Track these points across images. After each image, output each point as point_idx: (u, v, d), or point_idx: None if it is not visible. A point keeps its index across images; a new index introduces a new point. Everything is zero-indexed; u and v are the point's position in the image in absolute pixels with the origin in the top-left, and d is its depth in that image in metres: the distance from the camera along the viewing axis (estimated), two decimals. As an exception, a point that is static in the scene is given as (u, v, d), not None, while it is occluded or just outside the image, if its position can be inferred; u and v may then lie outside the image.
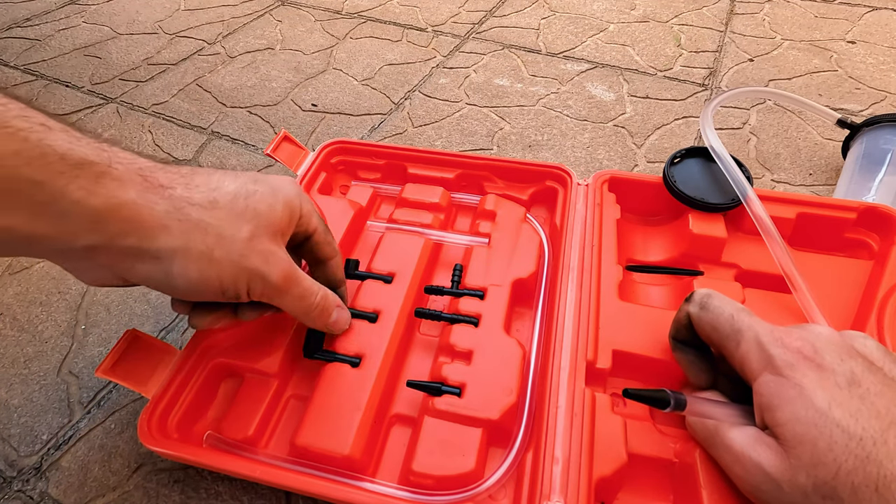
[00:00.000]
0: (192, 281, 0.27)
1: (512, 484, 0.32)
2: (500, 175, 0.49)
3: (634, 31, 0.83)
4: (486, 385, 0.35)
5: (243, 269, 0.28)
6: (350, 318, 0.37)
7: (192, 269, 0.27)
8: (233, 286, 0.28)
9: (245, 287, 0.29)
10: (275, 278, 0.29)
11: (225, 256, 0.27)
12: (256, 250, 0.29)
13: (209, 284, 0.28)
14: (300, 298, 0.32)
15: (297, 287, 0.31)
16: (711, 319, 0.30)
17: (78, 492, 0.36)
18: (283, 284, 0.30)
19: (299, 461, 0.34)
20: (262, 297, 0.30)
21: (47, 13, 0.93)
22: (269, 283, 0.29)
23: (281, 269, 0.30)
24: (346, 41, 0.84)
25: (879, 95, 0.67)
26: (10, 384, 0.42)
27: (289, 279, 0.30)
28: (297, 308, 0.32)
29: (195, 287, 0.27)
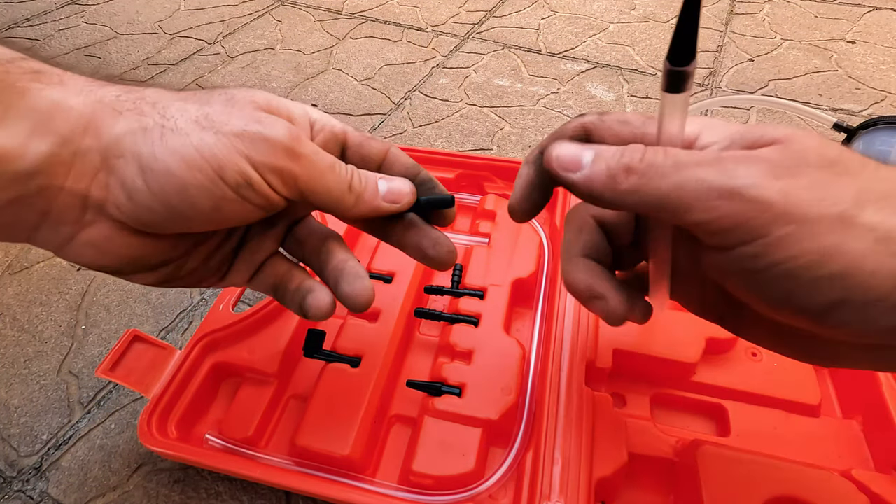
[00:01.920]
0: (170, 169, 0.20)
1: (512, 484, 0.32)
2: (500, 175, 0.49)
3: (634, 31, 0.83)
4: (485, 385, 0.35)
5: (229, 135, 0.21)
6: (413, 190, 0.26)
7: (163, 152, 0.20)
8: (229, 162, 0.21)
9: (244, 159, 0.21)
10: (278, 134, 0.22)
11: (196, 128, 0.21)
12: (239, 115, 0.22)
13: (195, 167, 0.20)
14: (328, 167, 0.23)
15: (311, 148, 0.23)
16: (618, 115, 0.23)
17: (78, 492, 0.36)
18: (294, 142, 0.22)
19: (299, 461, 0.34)
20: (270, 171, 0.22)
21: (47, 13, 0.93)
22: (273, 143, 0.21)
23: (283, 125, 0.22)
24: (346, 41, 0.84)
25: (879, 95, 0.67)
26: (10, 384, 0.42)
27: (296, 136, 0.22)
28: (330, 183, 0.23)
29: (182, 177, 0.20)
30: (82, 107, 0.20)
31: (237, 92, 0.23)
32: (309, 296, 0.26)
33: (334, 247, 0.27)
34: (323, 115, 0.26)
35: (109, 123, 0.20)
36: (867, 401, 0.34)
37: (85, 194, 0.20)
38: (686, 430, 0.35)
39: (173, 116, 0.21)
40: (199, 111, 0.21)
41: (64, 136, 0.19)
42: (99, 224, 0.21)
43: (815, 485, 0.30)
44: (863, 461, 0.33)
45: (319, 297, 0.26)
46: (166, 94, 0.22)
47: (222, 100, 0.22)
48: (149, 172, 0.20)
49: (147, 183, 0.20)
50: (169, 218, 0.21)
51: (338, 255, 0.27)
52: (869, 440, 0.34)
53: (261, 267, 0.28)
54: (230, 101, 0.22)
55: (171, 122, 0.20)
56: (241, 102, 0.22)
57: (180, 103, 0.21)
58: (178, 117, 0.21)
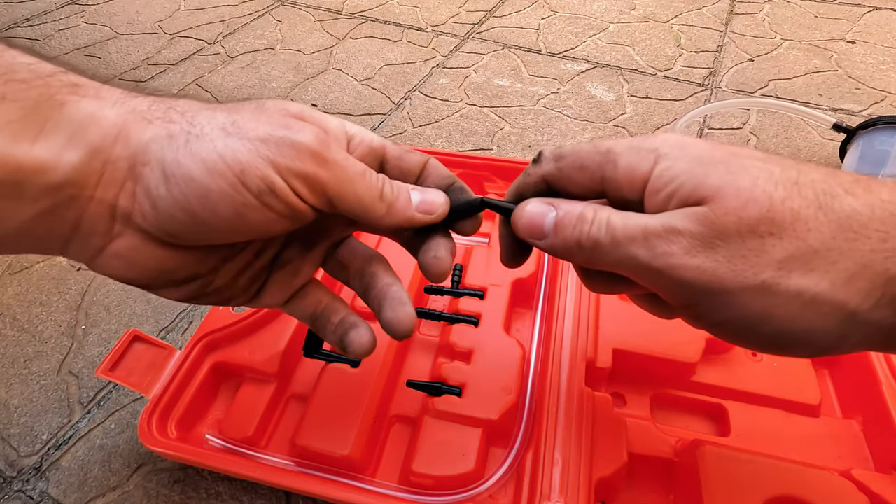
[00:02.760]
0: (193, 176, 0.19)
1: (512, 484, 0.32)
2: (500, 175, 0.49)
3: (634, 31, 0.83)
4: (485, 385, 0.35)
5: (255, 140, 0.20)
6: (447, 200, 0.25)
7: (187, 158, 0.20)
8: (251, 166, 0.20)
9: (268, 164, 0.20)
10: (306, 139, 0.21)
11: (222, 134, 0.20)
12: (267, 120, 0.21)
13: (218, 174, 0.20)
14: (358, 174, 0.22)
15: (340, 154, 0.22)
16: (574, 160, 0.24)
17: (78, 492, 0.36)
18: (321, 147, 0.21)
19: (299, 461, 0.34)
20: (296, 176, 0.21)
21: (47, 13, 0.93)
22: (300, 149, 0.20)
23: (311, 130, 0.21)
24: (346, 41, 0.84)
25: (879, 95, 0.67)
26: (10, 384, 0.42)
27: (324, 141, 0.21)
28: (360, 190, 0.22)
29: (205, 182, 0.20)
30: (115, 117, 0.20)
31: (269, 101, 0.23)
32: (352, 331, 0.25)
33: (378, 269, 0.26)
34: (361, 130, 0.25)
35: (139, 131, 0.20)
36: (867, 401, 0.34)
37: (113, 204, 0.20)
38: (686, 430, 0.35)
39: (200, 123, 0.20)
40: (227, 118, 0.21)
41: (95, 146, 0.19)
42: (127, 235, 0.21)
43: (815, 485, 0.30)
44: (863, 461, 0.33)
45: (362, 333, 0.25)
46: (197, 104, 0.22)
47: (252, 108, 0.22)
48: (171, 179, 0.20)
49: (169, 189, 0.20)
50: (191, 226, 0.21)
51: (382, 279, 0.26)
52: (869, 440, 0.34)
53: (299, 292, 0.27)
54: (259, 109, 0.22)
55: (197, 129, 0.20)
56: (270, 110, 0.22)
57: (209, 112, 0.21)
58: (204, 124, 0.20)
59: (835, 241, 0.19)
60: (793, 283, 0.19)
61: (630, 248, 0.21)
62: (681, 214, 0.20)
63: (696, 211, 0.20)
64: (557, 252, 0.23)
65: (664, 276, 0.20)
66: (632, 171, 0.22)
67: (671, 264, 0.20)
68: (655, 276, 0.20)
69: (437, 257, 0.25)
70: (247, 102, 0.23)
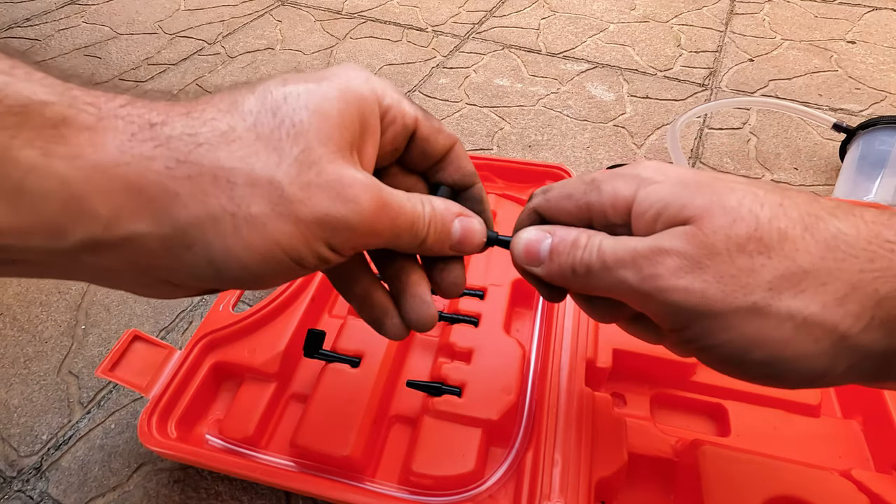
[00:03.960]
0: (246, 264, 0.18)
1: (512, 484, 0.32)
2: (500, 175, 0.49)
3: (634, 31, 0.83)
4: (485, 385, 0.35)
5: (310, 223, 0.18)
6: (484, 228, 0.24)
7: (237, 247, 0.18)
8: (307, 250, 0.19)
9: (324, 245, 0.19)
10: (362, 215, 0.19)
11: (271, 213, 0.18)
12: (317, 185, 0.18)
13: (273, 258, 0.18)
14: (408, 227, 0.21)
15: (394, 212, 0.20)
16: (560, 190, 0.24)
17: (78, 492, 0.36)
18: (377, 218, 0.19)
19: (299, 461, 0.34)
20: (356, 247, 0.20)
21: (47, 13, 0.93)
22: (356, 227, 0.19)
23: (368, 199, 0.19)
24: (346, 41, 0.84)
25: (879, 95, 0.67)
26: (10, 384, 0.42)
27: (381, 206, 0.20)
28: (406, 242, 0.22)
29: (257, 268, 0.18)
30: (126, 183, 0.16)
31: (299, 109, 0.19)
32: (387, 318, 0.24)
33: (408, 265, 0.25)
34: (397, 101, 0.22)
35: (167, 209, 0.17)
36: (867, 401, 0.34)
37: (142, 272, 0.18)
38: (686, 430, 0.35)
39: (244, 201, 0.18)
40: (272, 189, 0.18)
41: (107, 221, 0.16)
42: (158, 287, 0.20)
43: (815, 485, 0.30)
44: (863, 461, 0.33)
45: (398, 324, 0.24)
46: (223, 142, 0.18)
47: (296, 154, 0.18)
48: (222, 266, 0.18)
49: (218, 272, 0.18)
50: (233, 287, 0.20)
51: (411, 276, 0.25)
52: (869, 440, 0.34)
53: None
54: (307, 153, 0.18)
55: (243, 210, 0.18)
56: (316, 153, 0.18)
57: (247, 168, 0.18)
58: (250, 202, 0.18)
59: (823, 262, 0.18)
60: (783, 305, 0.18)
61: (620, 272, 0.20)
62: (668, 234, 0.20)
63: (684, 230, 0.20)
64: (554, 278, 0.23)
65: (654, 299, 0.20)
66: (615, 195, 0.22)
67: (659, 287, 0.19)
68: (645, 300, 0.20)
69: (455, 283, 0.25)
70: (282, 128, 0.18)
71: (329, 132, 0.19)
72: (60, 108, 0.16)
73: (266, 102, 0.19)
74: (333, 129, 0.19)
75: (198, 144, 0.17)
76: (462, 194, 0.25)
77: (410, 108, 0.23)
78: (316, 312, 0.42)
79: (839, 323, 0.18)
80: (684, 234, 0.20)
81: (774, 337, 0.18)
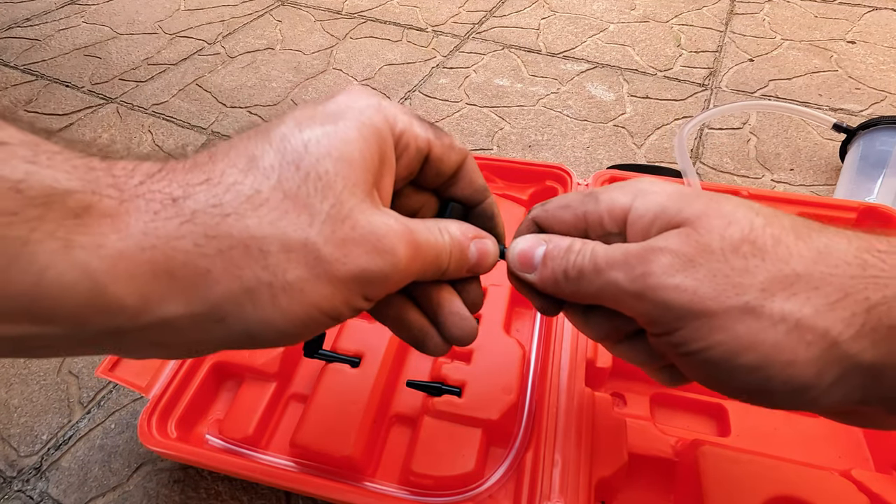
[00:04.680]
0: (284, 330, 0.18)
1: (512, 484, 0.32)
2: (500, 175, 0.49)
3: (634, 31, 0.83)
4: (485, 385, 0.35)
5: (348, 282, 0.18)
6: (497, 248, 0.25)
7: (275, 316, 0.17)
8: (344, 307, 0.19)
9: (361, 298, 0.19)
10: (398, 266, 0.19)
11: (309, 277, 0.17)
12: (353, 241, 0.18)
13: (312, 321, 0.18)
14: (433, 261, 0.21)
15: (423, 251, 0.20)
16: (558, 202, 0.25)
17: (78, 492, 0.36)
18: (411, 263, 0.20)
19: (299, 461, 0.34)
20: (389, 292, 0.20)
21: (47, 13, 0.93)
22: (391, 277, 0.19)
23: (403, 247, 0.19)
24: (346, 41, 0.84)
25: (879, 95, 0.67)
26: (10, 384, 0.42)
27: (415, 251, 0.20)
28: (430, 275, 0.22)
29: (296, 332, 0.18)
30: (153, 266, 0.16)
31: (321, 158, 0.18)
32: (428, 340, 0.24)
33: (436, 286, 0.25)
34: (408, 125, 0.21)
35: (200, 286, 0.16)
36: (867, 401, 0.34)
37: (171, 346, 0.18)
38: (686, 430, 0.35)
39: (279, 267, 0.17)
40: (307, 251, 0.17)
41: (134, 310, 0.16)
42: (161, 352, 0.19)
43: (815, 485, 0.30)
44: (863, 461, 0.33)
45: (438, 343, 0.24)
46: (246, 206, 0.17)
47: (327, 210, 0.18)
48: (257, 335, 0.18)
49: (252, 340, 0.18)
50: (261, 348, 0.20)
51: (443, 294, 0.24)
52: (869, 440, 0.34)
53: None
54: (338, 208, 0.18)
55: (279, 279, 0.17)
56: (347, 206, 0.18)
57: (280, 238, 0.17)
58: (285, 267, 0.17)
59: (816, 267, 0.18)
60: (776, 307, 0.18)
61: (611, 273, 0.21)
62: (662, 236, 0.20)
63: (679, 231, 0.20)
64: (547, 284, 0.23)
65: (645, 298, 0.20)
66: (612, 204, 0.22)
67: (650, 284, 0.19)
68: (636, 301, 0.20)
69: (475, 303, 0.25)
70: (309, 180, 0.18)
71: (355, 179, 0.18)
72: (83, 196, 0.15)
73: (286, 155, 0.18)
74: (359, 174, 0.19)
75: (225, 216, 0.17)
76: (473, 210, 0.26)
77: (421, 129, 0.22)
78: (316, 312, 0.41)
79: (830, 328, 0.18)
80: (678, 234, 0.20)
81: (766, 339, 0.18)
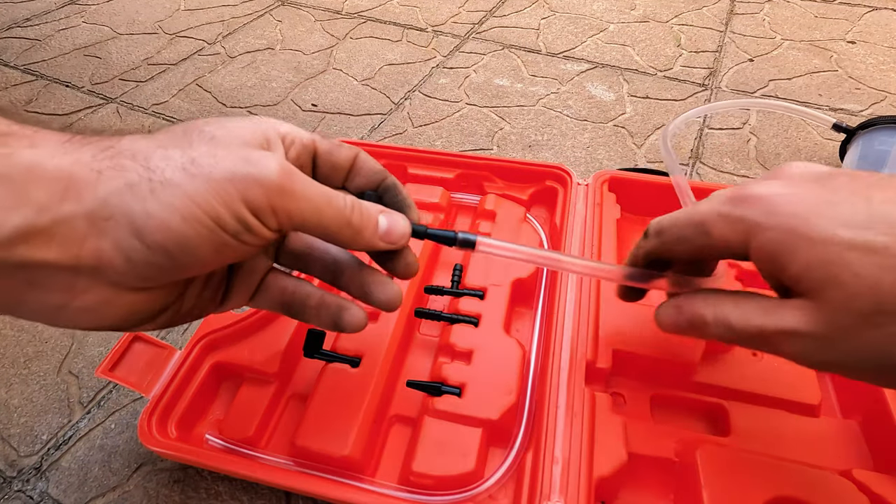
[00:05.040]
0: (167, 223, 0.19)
1: (512, 484, 0.32)
2: (500, 175, 0.49)
3: (634, 31, 0.83)
4: (485, 385, 0.35)
5: (221, 181, 0.20)
6: (407, 221, 0.26)
7: (155, 208, 0.19)
8: (224, 209, 0.20)
9: (241, 204, 0.21)
10: (268, 173, 0.21)
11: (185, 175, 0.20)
12: (227, 152, 0.21)
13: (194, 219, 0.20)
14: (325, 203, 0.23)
15: (305, 183, 0.22)
16: (671, 234, 0.26)
17: (78, 492, 0.36)
18: (286, 180, 0.21)
19: (299, 461, 0.34)
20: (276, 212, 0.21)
21: (47, 13, 0.93)
22: (266, 185, 0.21)
23: (273, 163, 0.21)
24: (346, 41, 0.84)
25: (879, 95, 0.67)
26: (10, 384, 0.42)
27: (288, 172, 0.22)
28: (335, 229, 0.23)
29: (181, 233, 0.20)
30: (58, 171, 0.19)
31: (215, 129, 0.22)
32: (346, 313, 0.27)
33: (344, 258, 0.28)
34: (292, 128, 0.25)
35: (91, 185, 0.19)
36: (867, 401, 0.34)
37: (74, 264, 0.19)
38: (686, 430, 0.35)
39: (159, 167, 0.20)
40: (184, 157, 0.20)
41: (41, 204, 0.18)
42: (95, 290, 0.20)
43: (815, 485, 0.30)
44: (863, 461, 0.33)
45: (354, 313, 0.27)
46: (143, 141, 0.21)
47: (204, 140, 0.21)
48: (145, 231, 0.19)
49: (144, 241, 0.20)
50: (170, 269, 0.21)
51: (363, 270, 0.28)
52: (869, 440, 0.34)
53: (260, 286, 0.28)
54: (213, 142, 0.21)
55: (157, 175, 0.20)
56: (224, 141, 0.22)
57: (161, 151, 0.20)
58: (163, 167, 0.20)
59: None
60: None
61: (753, 344, 0.23)
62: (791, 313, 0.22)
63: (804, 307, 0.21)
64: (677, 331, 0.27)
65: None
66: (727, 244, 0.24)
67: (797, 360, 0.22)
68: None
69: (408, 264, 0.28)
70: (192, 132, 0.22)
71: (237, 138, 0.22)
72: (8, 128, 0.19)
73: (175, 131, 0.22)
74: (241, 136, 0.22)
75: (120, 139, 0.21)
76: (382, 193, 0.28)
77: (306, 133, 0.26)
78: (316, 312, 0.42)
79: None
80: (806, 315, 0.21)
81: None
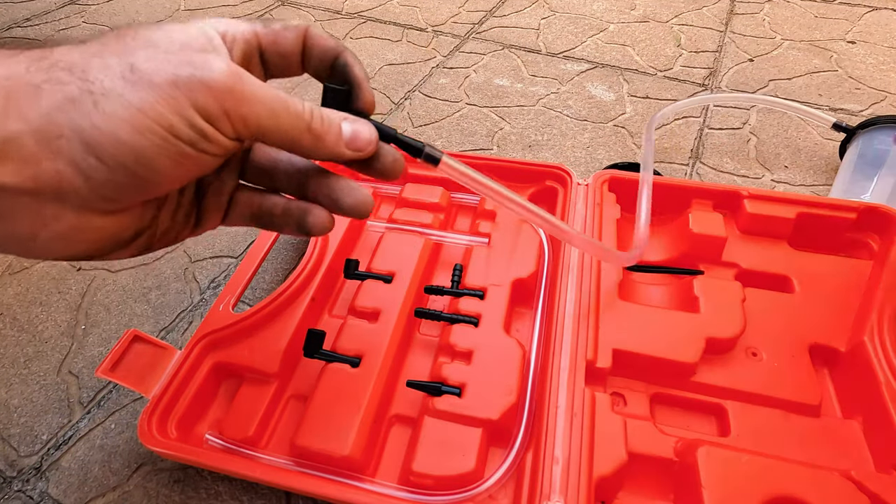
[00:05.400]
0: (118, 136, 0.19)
1: (512, 484, 0.32)
2: (500, 175, 0.49)
3: (634, 31, 0.83)
4: (486, 385, 0.35)
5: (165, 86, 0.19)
6: (372, 126, 0.25)
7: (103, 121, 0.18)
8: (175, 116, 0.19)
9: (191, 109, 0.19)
10: (214, 74, 0.20)
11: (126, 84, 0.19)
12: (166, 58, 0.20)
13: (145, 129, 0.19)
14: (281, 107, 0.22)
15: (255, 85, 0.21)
16: None
17: (78, 492, 0.36)
18: (235, 81, 0.20)
19: (299, 461, 0.34)
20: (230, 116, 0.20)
21: (47, 13, 0.93)
22: (213, 87, 0.20)
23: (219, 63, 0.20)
24: (346, 41, 0.84)
25: (879, 95, 0.67)
26: (10, 384, 0.42)
27: (236, 73, 0.20)
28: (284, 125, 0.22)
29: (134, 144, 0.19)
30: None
31: (151, 32, 0.21)
32: (309, 216, 0.26)
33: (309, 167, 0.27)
34: (230, 23, 0.23)
35: (30, 100, 0.18)
36: (867, 401, 0.34)
37: (34, 187, 0.18)
38: (686, 430, 0.35)
39: (97, 78, 0.19)
40: (122, 64, 0.19)
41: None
42: (63, 217, 0.20)
43: (815, 485, 0.30)
44: (863, 461, 0.33)
45: (317, 214, 0.26)
46: (76, 52, 0.19)
47: (140, 44, 0.20)
48: (97, 147, 0.18)
49: (100, 157, 0.19)
50: (131, 187, 0.20)
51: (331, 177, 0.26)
52: (869, 440, 0.34)
53: (230, 204, 0.28)
54: (151, 46, 0.20)
55: (97, 86, 0.19)
56: (162, 44, 0.20)
57: (98, 60, 0.19)
58: (102, 78, 0.19)
59: None
60: None
61: None
62: None
63: None
64: None
65: None
66: None
67: None
68: None
69: (395, 160, 0.26)
70: (126, 36, 0.20)
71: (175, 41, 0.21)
72: None
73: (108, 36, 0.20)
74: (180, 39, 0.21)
75: (53, 49, 0.19)
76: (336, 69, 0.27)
77: (247, 24, 0.24)
78: (316, 312, 0.42)
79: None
80: None
81: None
